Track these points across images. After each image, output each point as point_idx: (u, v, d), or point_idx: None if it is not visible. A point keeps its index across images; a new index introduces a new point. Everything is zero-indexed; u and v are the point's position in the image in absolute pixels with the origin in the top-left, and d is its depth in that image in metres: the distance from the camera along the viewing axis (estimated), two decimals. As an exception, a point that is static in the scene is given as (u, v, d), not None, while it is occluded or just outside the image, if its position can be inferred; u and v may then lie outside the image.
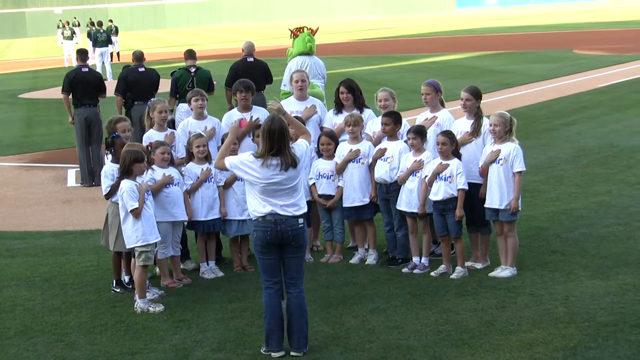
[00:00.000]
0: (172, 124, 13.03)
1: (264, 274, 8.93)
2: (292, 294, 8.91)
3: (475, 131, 11.41)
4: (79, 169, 19.12)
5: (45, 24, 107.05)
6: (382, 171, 11.68)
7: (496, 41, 56.58)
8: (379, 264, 11.90)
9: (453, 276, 11.11)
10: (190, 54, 18.28)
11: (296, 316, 8.88)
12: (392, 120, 11.69)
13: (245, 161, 8.81)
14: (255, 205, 8.84)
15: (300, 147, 8.96)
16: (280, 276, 8.94)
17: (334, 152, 12.06)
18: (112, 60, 45.44)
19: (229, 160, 8.97)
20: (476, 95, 11.49)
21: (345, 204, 12.02)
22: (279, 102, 9.61)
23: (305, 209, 8.93)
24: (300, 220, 8.84)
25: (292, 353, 8.87)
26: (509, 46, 50.92)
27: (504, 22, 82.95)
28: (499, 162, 10.91)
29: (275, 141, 8.66)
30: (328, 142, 12.05)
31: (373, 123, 12.27)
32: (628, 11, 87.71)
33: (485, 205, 11.08)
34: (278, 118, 8.88)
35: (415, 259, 11.58)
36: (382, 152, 11.72)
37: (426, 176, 11.24)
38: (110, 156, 11.22)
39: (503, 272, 11.00)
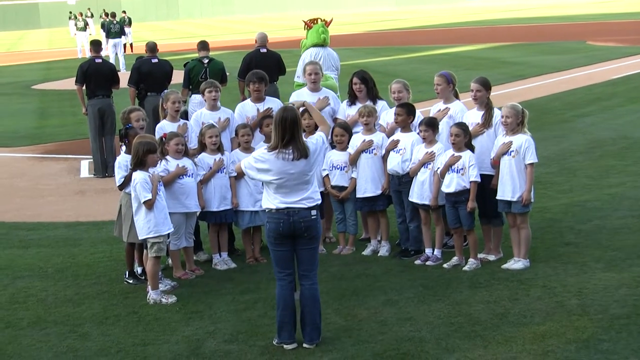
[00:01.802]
0: (185, 115, 13.04)
1: (277, 266, 8.93)
2: (305, 285, 8.90)
3: (486, 122, 11.38)
4: (92, 160, 19.16)
5: (59, 15, 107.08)
6: (394, 163, 11.66)
7: (509, 32, 56.44)
8: (391, 255, 11.89)
9: (465, 268, 11.09)
10: (203, 45, 18.28)
11: (309, 308, 8.87)
12: (405, 111, 11.67)
13: (259, 157, 8.78)
14: (268, 202, 8.84)
15: (316, 140, 8.95)
16: (293, 268, 8.94)
17: (348, 143, 12.05)
18: (125, 52, 45.52)
19: (243, 163, 8.99)
20: (486, 86, 11.46)
21: (358, 195, 12.00)
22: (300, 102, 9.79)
23: (318, 201, 8.92)
24: (313, 212, 8.82)
25: (304, 345, 8.86)
26: (522, 37, 50.79)
27: (517, 14, 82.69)
28: (510, 154, 10.88)
29: (288, 129, 8.64)
30: (342, 133, 12.04)
31: (387, 114, 12.25)
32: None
33: (498, 197, 11.06)
34: (290, 107, 8.88)
35: (427, 251, 11.57)
36: (395, 143, 11.70)
37: (438, 168, 11.22)
38: (124, 147, 11.23)
39: (516, 264, 10.98)
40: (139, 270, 11.36)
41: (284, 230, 8.75)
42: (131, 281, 11.30)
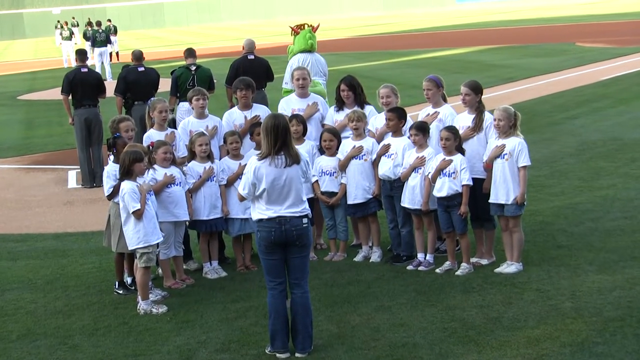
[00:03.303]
0: (173, 124, 13.01)
1: (268, 275, 8.91)
2: (296, 294, 8.88)
3: (477, 126, 11.38)
4: (79, 170, 19.11)
5: (44, 24, 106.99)
6: (385, 168, 11.65)
7: (497, 35, 56.57)
8: (383, 261, 11.87)
9: (458, 273, 11.08)
10: (190, 53, 18.29)
11: (301, 316, 8.85)
12: (397, 115, 11.66)
13: (249, 169, 8.78)
14: (258, 214, 8.83)
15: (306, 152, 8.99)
16: (284, 276, 8.91)
17: (337, 149, 12.04)
18: (111, 60, 45.47)
19: (239, 190, 9.04)
20: (475, 89, 11.45)
21: (349, 202, 11.99)
22: None
23: (309, 211, 8.91)
24: (305, 220, 8.82)
25: (296, 354, 8.84)
26: (510, 40, 50.90)
27: (505, 16, 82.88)
28: (503, 157, 10.88)
29: (280, 136, 8.65)
30: (330, 138, 12.02)
31: (376, 119, 12.25)
32: (631, 3, 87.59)
33: (490, 201, 11.06)
34: (280, 114, 8.94)
35: (420, 256, 11.56)
36: (387, 148, 11.69)
37: (429, 173, 11.22)
38: (112, 157, 11.21)
39: (509, 267, 10.98)
40: (128, 280, 11.33)
41: (275, 239, 8.73)
42: (121, 292, 11.27)
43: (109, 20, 52.92)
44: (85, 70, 18.82)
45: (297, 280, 8.90)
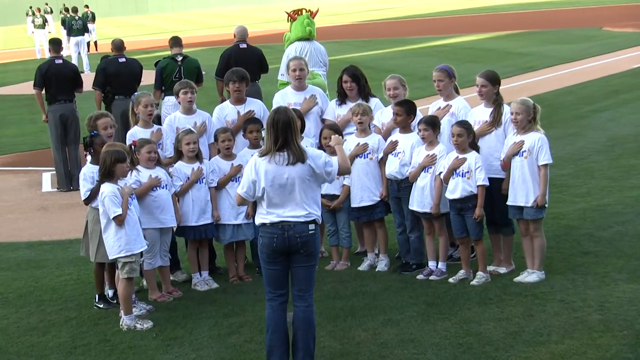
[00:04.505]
0: (158, 120, 13.02)
1: (268, 285, 8.87)
2: (299, 307, 8.83)
3: (495, 120, 11.37)
4: (54, 172, 19.12)
5: (14, 11, 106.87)
6: (392, 167, 11.65)
7: (516, 20, 56.55)
8: (390, 270, 11.88)
9: (474, 282, 11.09)
10: (175, 42, 18.29)
11: (302, 332, 8.81)
12: (405, 110, 11.66)
13: (250, 167, 8.76)
14: (261, 218, 8.81)
15: (321, 153, 8.90)
16: (286, 288, 8.88)
17: (338, 146, 12.02)
18: (89, 51, 45.46)
19: (238, 190, 9.00)
20: (493, 80, 11.45)
21: (354, 205, 11.98)
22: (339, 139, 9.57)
23: (317, 216, 8.86)
24: (311, 227, 8.76)
25: (295, 372, 8.86)
26: (530, 25, 50.89)
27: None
28: (522, 155, 10.88)
29: (281, 132, 8.62)
30: (331, 135, 11.99)
31: (382, 113, 12.24)
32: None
33: (508, 203, 11.05)
34: (283, 108, 8.87)
35: (431, 264, 11.57)
36: (394, 145, 11.69)
37: (440, 172, 11.21)
38: (89, 157, 11.20)
39: (529, 276, 10.98)
40: (110, 293, 11.33)
41: (277, 246, 8.70)
42: (102, 305, 11.28)
43: (86, 7, 52.92)
44: (60, 61, 18.84)
45: (301, 293, 8.85)
